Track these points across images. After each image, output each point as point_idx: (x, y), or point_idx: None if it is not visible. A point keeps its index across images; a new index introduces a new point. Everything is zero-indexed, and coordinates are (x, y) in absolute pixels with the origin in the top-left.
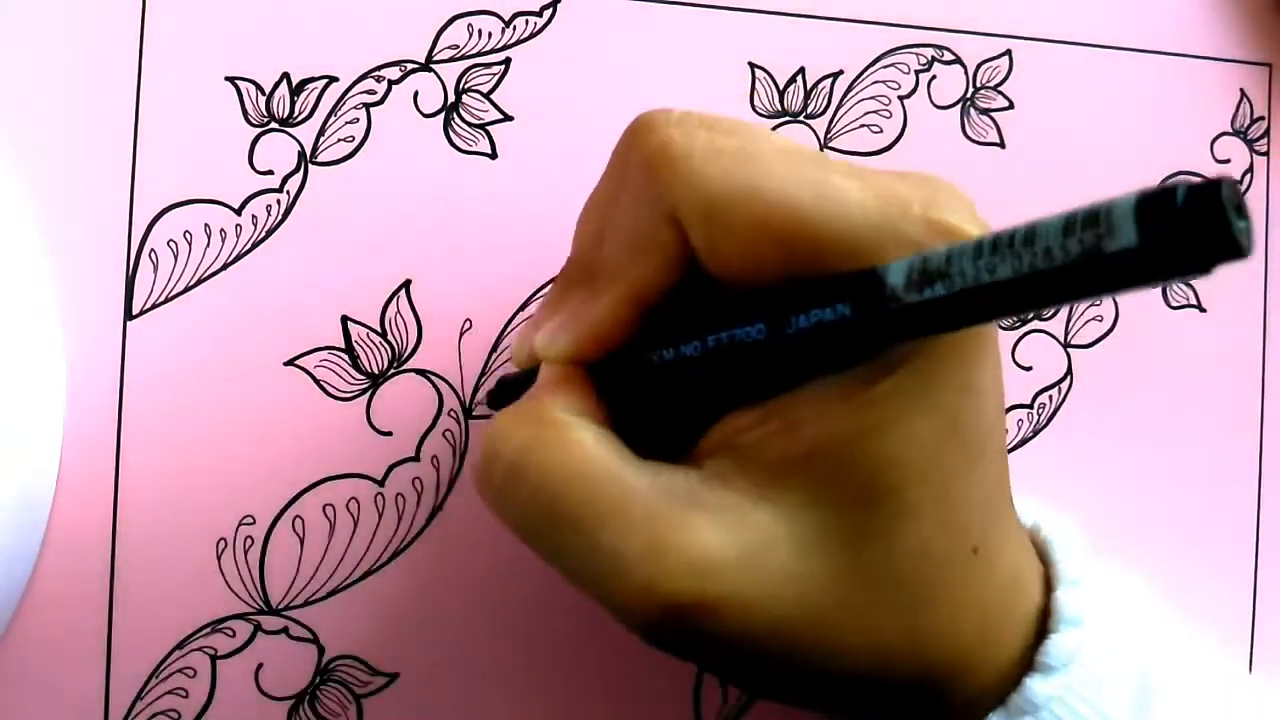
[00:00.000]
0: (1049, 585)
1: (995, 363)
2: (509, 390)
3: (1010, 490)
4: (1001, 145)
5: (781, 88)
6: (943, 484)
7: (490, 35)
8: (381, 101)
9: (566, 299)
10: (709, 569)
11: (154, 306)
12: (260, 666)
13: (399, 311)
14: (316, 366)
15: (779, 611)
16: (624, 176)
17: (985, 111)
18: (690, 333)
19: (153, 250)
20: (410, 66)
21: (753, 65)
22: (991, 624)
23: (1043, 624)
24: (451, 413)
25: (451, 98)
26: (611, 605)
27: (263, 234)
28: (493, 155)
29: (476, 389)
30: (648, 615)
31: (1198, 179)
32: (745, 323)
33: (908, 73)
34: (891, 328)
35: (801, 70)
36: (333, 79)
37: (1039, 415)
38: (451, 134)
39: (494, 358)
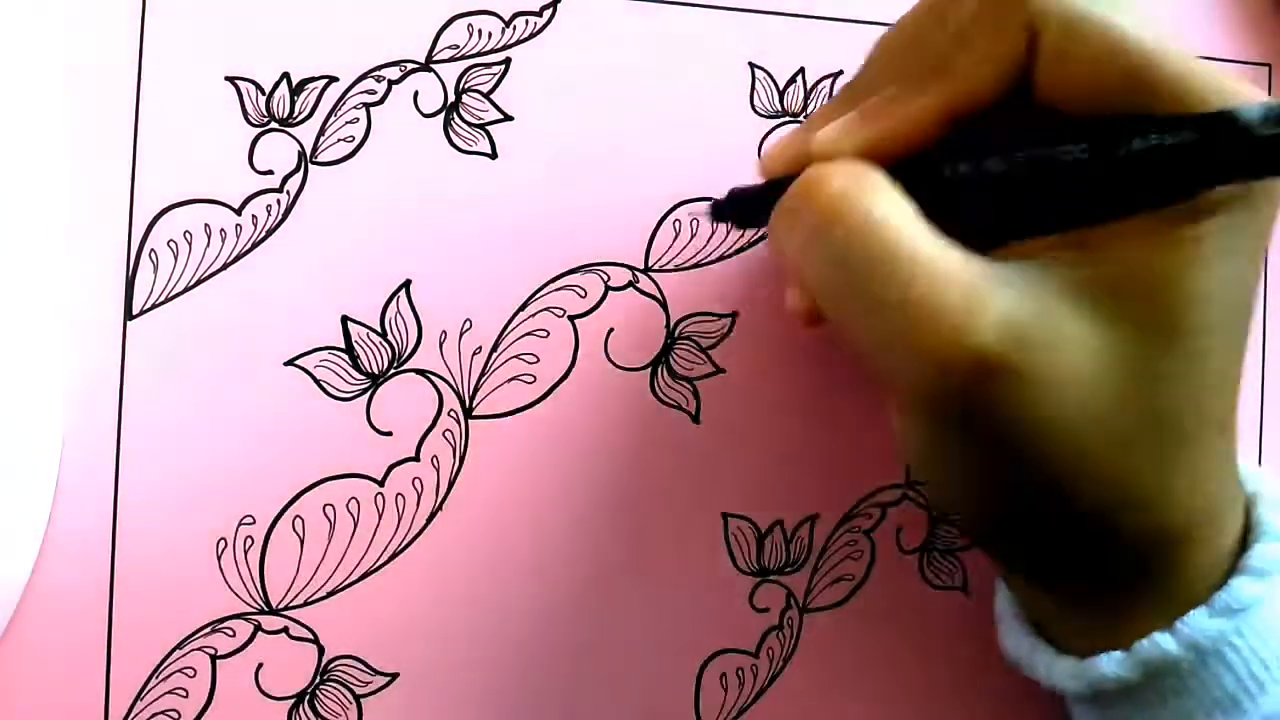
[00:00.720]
0: (1246, 507)
1: (1267, 249)
2: (742, 204)
3: None
4: None
5: (781, 88)
6: (1223, 345)
7: (490, 35)
8: (381, 101)
9: (855, 104)
10: (1021, 336)
11: (154, 306)
12: (260, 666)
13: (399, 311)
14: (316, 366)
15: (1068, 406)
16: None
17: None
18: (995, 150)
19: (153, 250)
20: (410, 66)
21: (753, 65)
22: (1218, 503)
23: (1243, 539)
24: (451, 413)
25: (451, 98)
26: (915, 363)
27: (263, 234)
28: (493, 155)
29: (476, 389)
30: (950, 366)
31: None
32: (1069, 142)
33: None
34: (1238, 160)
35: (801, 70)
36: (333, 79)
37: None
38: (451, 134)
39: (494, 357)
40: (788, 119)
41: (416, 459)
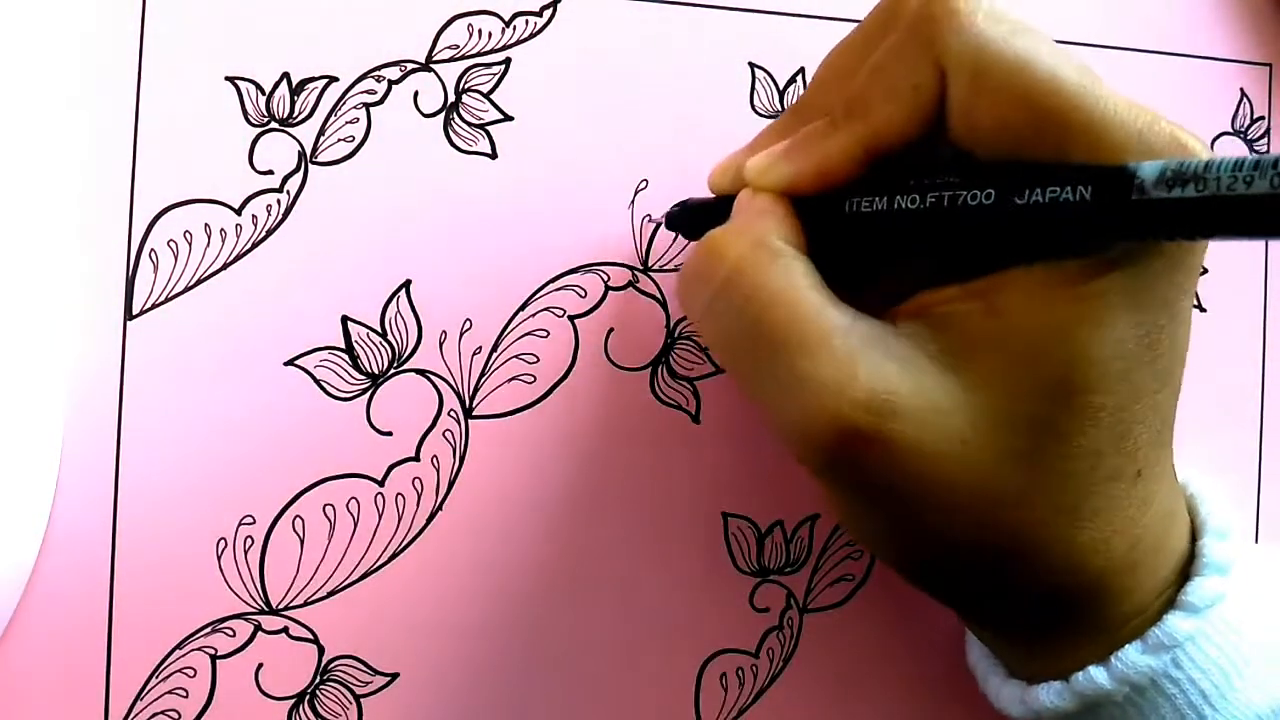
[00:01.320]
0: (1193, 535)
1: (1193, 294)
2: (694, 215)
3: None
4: None
5: (781, 88)
6: (1128, 398)
7: (490, 35)
8: (381, 101)
9: (790, 133)
10: (892, 409)
11: (154, 306)
12: (260, 666)
13: (399, 311)
14: (316, 366)
15: (945, 469)
16: (890, 23)
17: None
18: (908, 189)
19: (153, 250)
20: (410, 66)
21: (753, 65)
22: (1141, 551)
23: (1185, 569)
24: (451, 413)
25: (451, 98)
26: (793, 428)
27: (263, 234)
28: (493, 155)
29: (476, 389)
30: (825, 439)
31: None
32: (974, 187)
33: None
34: (1130, 221)
35: (801, 70)
36: (333, 79)
37: None
38: (451, 134)
39: (494, 357)
40: None
41: (416, 459)
